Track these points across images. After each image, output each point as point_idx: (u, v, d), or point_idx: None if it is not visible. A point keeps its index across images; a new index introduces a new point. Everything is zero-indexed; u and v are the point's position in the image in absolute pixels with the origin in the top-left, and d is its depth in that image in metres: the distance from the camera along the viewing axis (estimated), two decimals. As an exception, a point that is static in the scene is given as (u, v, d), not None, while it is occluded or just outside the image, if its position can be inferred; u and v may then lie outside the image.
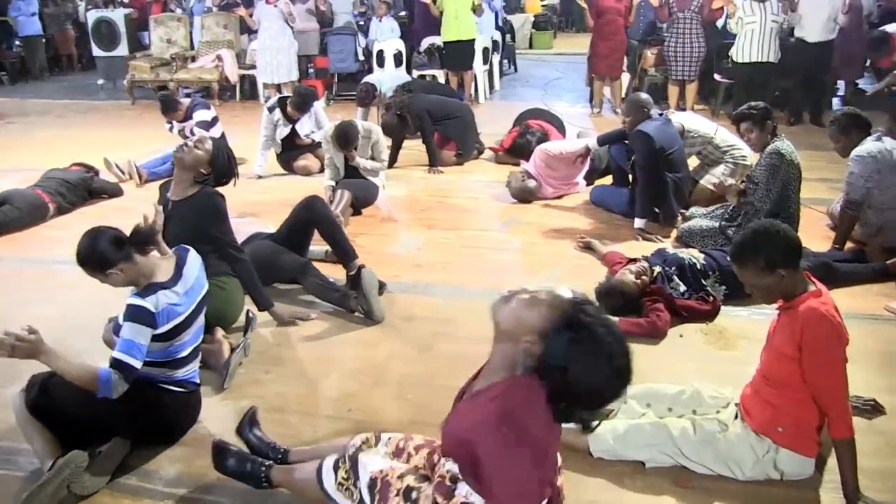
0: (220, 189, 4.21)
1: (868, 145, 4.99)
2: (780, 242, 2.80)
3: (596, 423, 2.18)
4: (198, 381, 3.39)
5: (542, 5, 20.70)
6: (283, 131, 7.44)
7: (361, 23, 13.06)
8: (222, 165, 4.15)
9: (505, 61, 14.68)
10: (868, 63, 10.18)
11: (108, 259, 3.02)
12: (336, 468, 2.51)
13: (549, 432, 2.18)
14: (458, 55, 10.92)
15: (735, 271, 2.96)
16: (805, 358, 2.74)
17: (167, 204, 4.07)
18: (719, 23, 10.19)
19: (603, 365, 2.01)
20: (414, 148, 8.17)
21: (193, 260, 3.34)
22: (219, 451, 2.91)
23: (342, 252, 4.76)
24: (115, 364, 2.91)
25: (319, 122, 7.52)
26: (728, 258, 4.39)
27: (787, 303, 2.86)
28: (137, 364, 2.95)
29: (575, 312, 2.05)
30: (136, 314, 2.97)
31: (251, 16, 11.38)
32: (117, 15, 13.60)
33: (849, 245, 5.19)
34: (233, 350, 3.91)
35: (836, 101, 10.26)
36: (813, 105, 9.51)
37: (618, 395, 2.07)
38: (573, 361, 2.00)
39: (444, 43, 10.94)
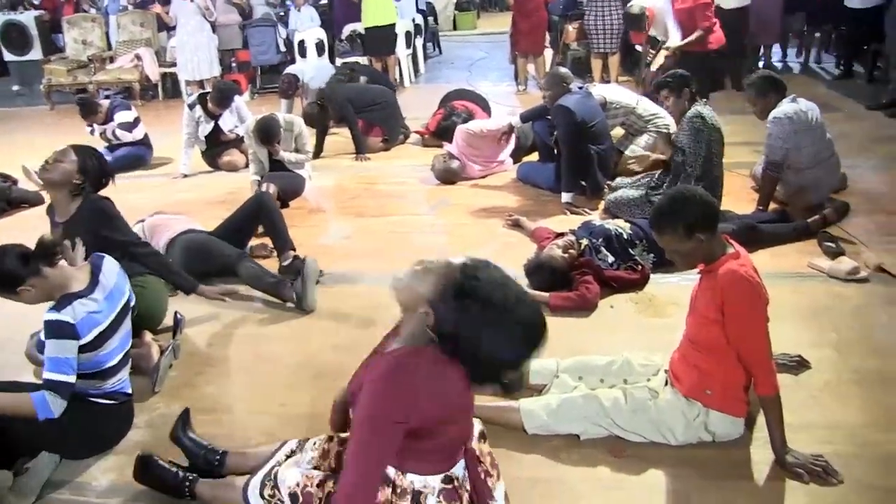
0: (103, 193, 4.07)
1: (784, 107, 5.08)
2: (696, 207, 2.82)
3: (511, 385, 2.22)
4: (129, 391, 3.32)
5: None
6: (206, 128, 7.31)
7: (281, 13, 12.87)
8: (94, 169, 3.93)
9: (429, 44, 14.62)
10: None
11: (16, 276, 2.95)
12: (262, 487, 2.47)
13: (447, 405, 2.17)
14: (379, 41, 10.82)
15: (655, 238, 2.99)
16: (727, 320, 2.77)
17: (57, 228, 3.90)
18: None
19: (498, 329, 2.02)
20: (340, 135, 8.11)
21: (110, 266, 3.25)
22: (143, 464, 2.87)
23: (281, 241, 4.79)
24: (49, 385, 2.86)
25: (242, 117, 7.42)
26: (651, 226, 4.49)
27: (707, 266, 2.90)
28: (70, 379, 2.89)
29: (464, 279, 2.04)
30: (56, 329, 2.89)
31: (167, 13, 11.13)
32: (27, 17, 13.07)
33: (772, 206, 5.29)
34: (162, 353, 3.84)
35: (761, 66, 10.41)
36: (732, 70, 9.64)
37: (523, 357, 2.08)
38: (462, 328, 2.02)
39: (365, 29, 10.82)
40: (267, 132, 6.11)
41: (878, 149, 6.87)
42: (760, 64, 10.44)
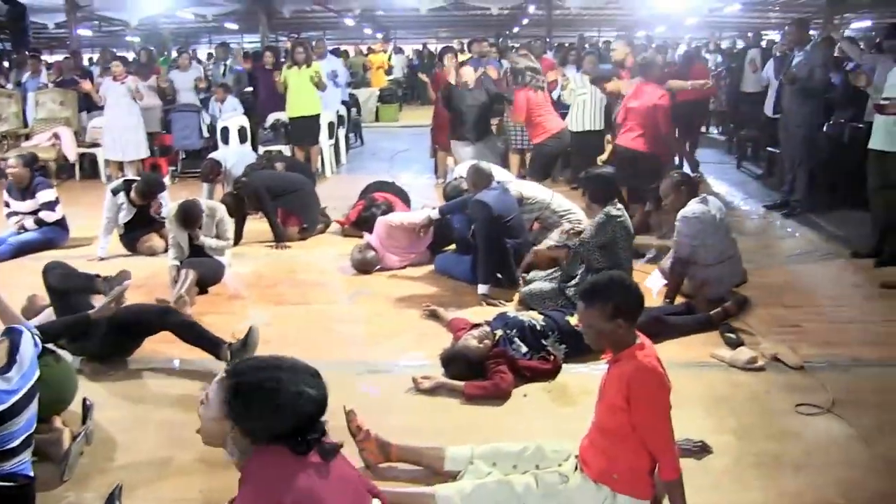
0: None
1: (693, 207, 5.41)
2: (630, 296, 2.98)
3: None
4: (30, 473, 3.19)
5: (388, 80, 21.17)
6: (127, 215, 7.27)
7: (204, 99, 12.94)
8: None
9: (351, 135, 14.82)
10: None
11: None
12: None
13: (320, 479, 2.28)
14: (303, 130, 10.96)
15: (579, 309, 3.08)
16: (633, 408, 2.89)
17: None
18: (554, 94, 10.59)
19: (276, 397, 2.25)
20: (259, 223, 8.12)
21: (27, 342, 3.23)
22: None
23: (211, 343, 4.69)
24: None
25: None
26: (566, 318, 4.66)
27: (615, 355, 3.03)
28: None
29: (233, 380, 2.29)
30: None
31: (97, 91, 11.09)
32: (-61, 91, 12.92)
33: (679, 299, 5.54)
34: (74, 439, 3.72)
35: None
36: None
37: (313, 407, 2.33)
38: (252, 417, 2.26)
39: (290, 118, 10.99)
40: (188, 216, 6.13)
41: (777, 245, 7.34)
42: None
